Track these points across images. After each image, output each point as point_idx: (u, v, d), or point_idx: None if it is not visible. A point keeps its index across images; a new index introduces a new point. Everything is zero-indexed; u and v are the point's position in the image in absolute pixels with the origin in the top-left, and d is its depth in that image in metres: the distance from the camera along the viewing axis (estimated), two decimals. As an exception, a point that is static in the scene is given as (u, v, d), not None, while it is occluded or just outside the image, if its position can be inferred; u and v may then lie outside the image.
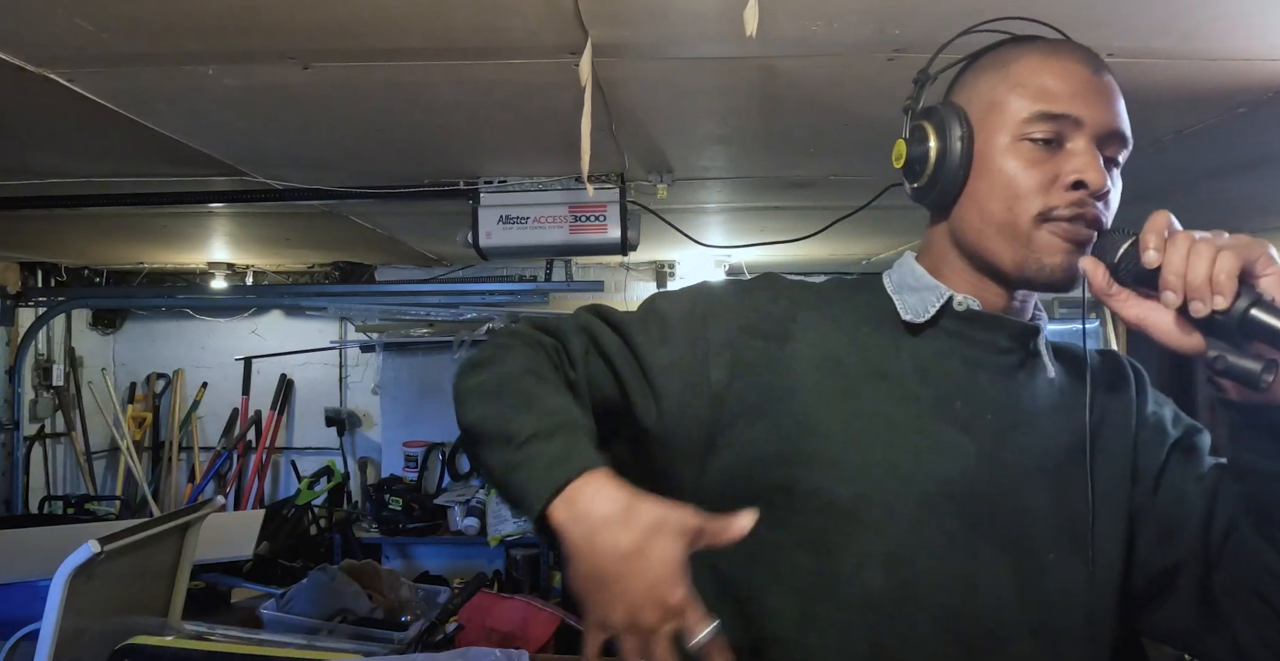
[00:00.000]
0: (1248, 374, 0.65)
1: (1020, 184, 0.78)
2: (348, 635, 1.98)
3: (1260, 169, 2.18)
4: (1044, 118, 0.78)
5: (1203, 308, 0.66)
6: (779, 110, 1.73)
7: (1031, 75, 0.80)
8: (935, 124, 0.83)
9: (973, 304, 0.84)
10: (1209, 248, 0.67)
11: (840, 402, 0.82)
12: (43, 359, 4.15)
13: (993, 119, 0.81)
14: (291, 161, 2.14)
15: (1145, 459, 0.86)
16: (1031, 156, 0.79)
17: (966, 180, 0.82)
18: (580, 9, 1.22)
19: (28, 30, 1.28)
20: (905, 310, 0.85)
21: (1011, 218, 0.79)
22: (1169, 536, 0.83)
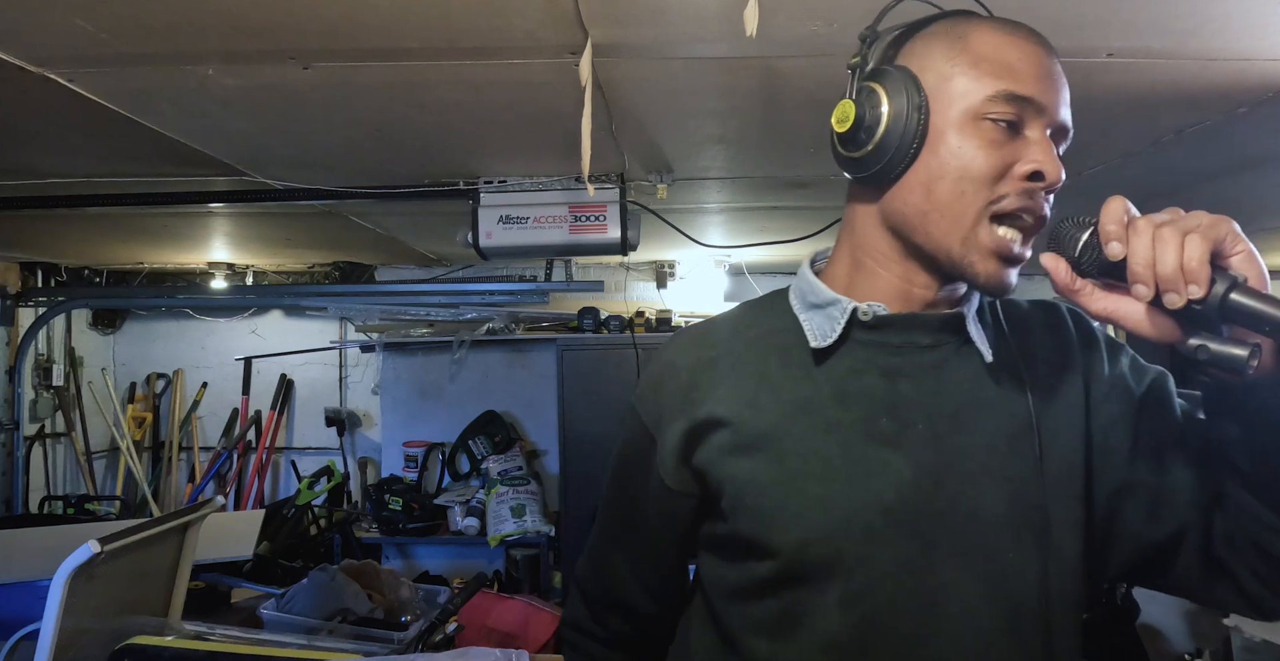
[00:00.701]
0: (1234, 360, 0.62)
1: (976, 166, 0.73)
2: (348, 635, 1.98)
3: (1260, 169, 2.18)
4: (1009, 98, 0.73)
5: (1178, 299, 0.62)
6: (779, 110, 1.73)
7: (995, 50, 0.74)
8: (888, 87, 0.76)
9: (879, 310, 0.80)
10: (1175, 233, 0.63)
11: (765, 450, 0.79)
12: (43, 359, 4.15)
13: (949, 91, 0.74)
14: (291, 161, 2.14)
15: (1111, 428, 0.82)
16: (991, 137, 0.73)
17: (918, 153, 0.75)
18: (580, 9, 1.22)
19: (28, 30, 1.28)
20: (813, 335, 0.82)
21: (960, 203, 0.74)
22: (1158, 509, 0.80)
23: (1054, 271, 0.69)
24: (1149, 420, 0.82)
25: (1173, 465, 0.79)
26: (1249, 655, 2.12)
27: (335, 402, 4.54)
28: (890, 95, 0.75)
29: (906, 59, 0.78)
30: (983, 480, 0.79)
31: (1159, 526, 0.80)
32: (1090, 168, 2.18)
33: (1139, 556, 0.82)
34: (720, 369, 0.84)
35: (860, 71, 0.79)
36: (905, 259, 0.81)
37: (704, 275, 4.28)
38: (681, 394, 0.85)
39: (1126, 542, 0.82)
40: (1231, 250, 0.64)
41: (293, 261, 4.28)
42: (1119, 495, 0.81)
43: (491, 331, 4.07)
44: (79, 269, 4.23)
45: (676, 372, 0.87)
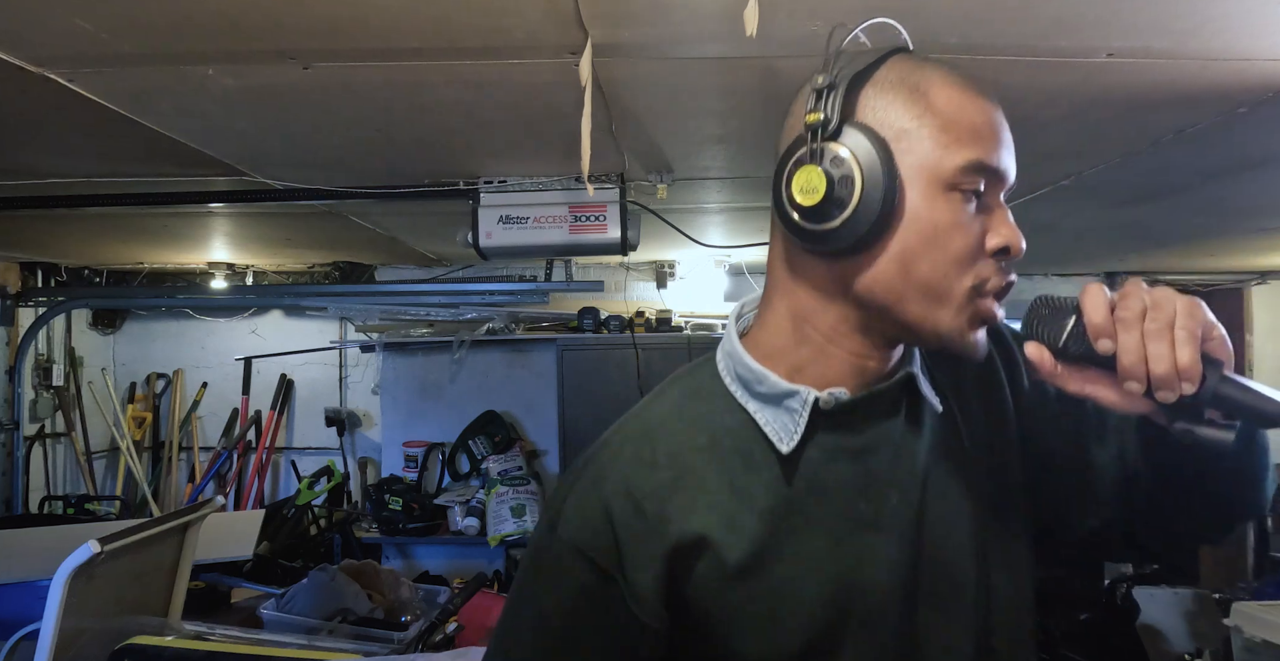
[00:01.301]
0: (1221, 443, 0.65)
1: (955, 246, 0.69)
2: (348, 635, 1.98)
3: (1260, 169, 2.18)
4: (981, 169, 0.69)
5: (1171, 396, 0.63)
6: (779, 110, 1.72)
7: (959, 112, 0.70)
8: (856, 150, 0.69)
9: (841, 396, 0.75)
10: (1164, 329, 0.63)
11: (755, 567, 0.75)
12: (43, 359, 4.15)
13: (914, 151, 0.69)
14: (291, 161, 2.14)
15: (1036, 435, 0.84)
16: (963, 209, 0.69)
17: (890, 228, 0.69)
18: (580, 9, 1.22)
19: (28, 30, 1.28)
20: (777, 438, 0.76)
21: (945, 285, 0.70)
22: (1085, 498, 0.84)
23: (1039, 363, 0.68)
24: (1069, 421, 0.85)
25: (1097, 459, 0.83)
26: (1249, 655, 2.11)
27: (335, 402, 4.54)
28: (862, 162, 0.68)
29: (863, 113, 0.71)
30: (960, 528, 0.80)
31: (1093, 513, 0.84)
32: (1090, 167, 2.18)
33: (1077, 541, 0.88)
34: (685, 490, 0.76)
35: (822, 131, 0.70)
36: (861, 332, 0.75)
37: (704, 275, 4.28)
38: (650, 528, 0.76)
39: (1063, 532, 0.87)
40: (1210, 336, 0.64)
41: (293, 261, 4.28)
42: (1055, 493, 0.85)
43: (491, 331, 4.07)
44: (79, 269, 4.23)
45: (636, 505, 0.76)
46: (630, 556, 0.75)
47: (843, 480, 0.77)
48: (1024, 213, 2.75)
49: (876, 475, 0.78)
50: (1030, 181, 2.37)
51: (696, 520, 0.75)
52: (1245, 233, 3.29)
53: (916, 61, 0.74)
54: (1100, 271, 4.68)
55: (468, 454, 4.20)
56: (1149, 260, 4.29)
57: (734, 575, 0.75)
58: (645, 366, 3.78)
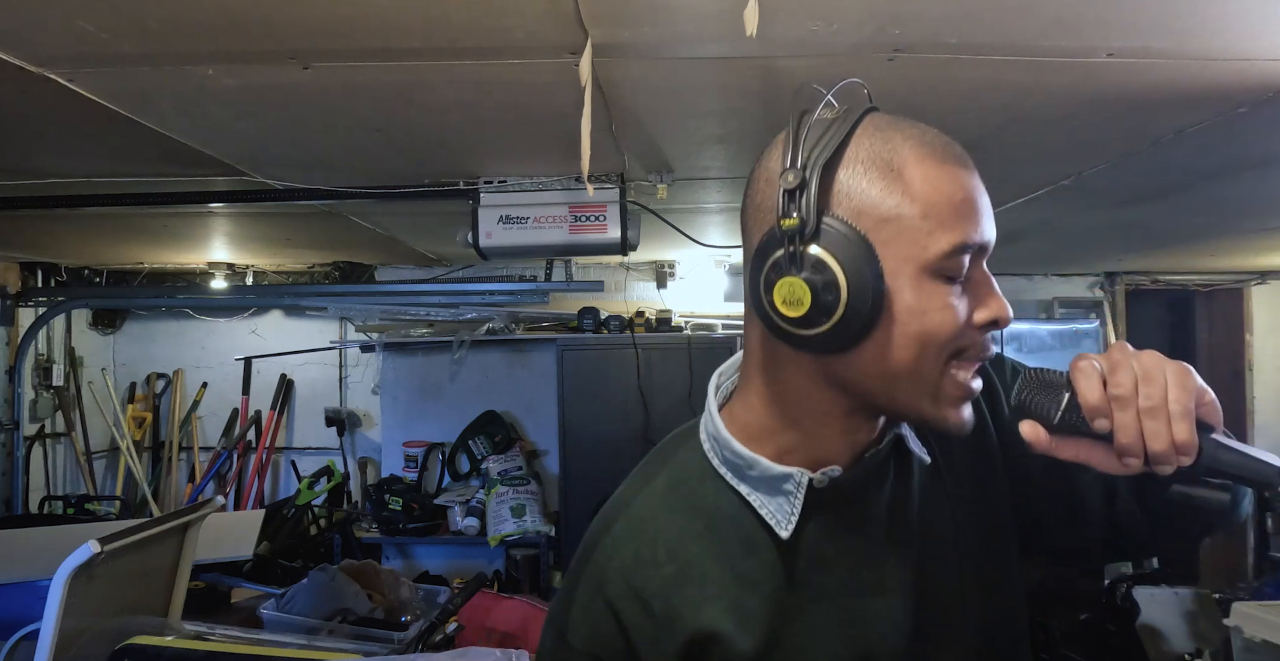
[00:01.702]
0: (1218, 504, 0.67)
1: (943, 331, 0.67)
2: (348, 635, 1.98)
3: (1260, 169, 2.18)
4: (964, 250, 0.67)
5: (1169, 470, 0.64)
6: (779, 110, 1.73)
7: (936, 190, 0.67)
8: (841, 257, 0.66)
9: (833, 473, 0.74)
10: (1160, 406, 0.63)
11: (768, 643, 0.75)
12: (43, 359, 4.15)
13: (896, 244, 0.66)
14: (291, 161, 2.14)
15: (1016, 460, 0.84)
16: (949, 292, 0.67)
17: (882, 324, 0.67)
18: (580, 9, 1.22)
19: (28, 30, 1.28)
20: (776, 523, 0.75)
21: (922, 367, 0.68)
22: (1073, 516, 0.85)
23: (1035, 442, 0.68)
24: None
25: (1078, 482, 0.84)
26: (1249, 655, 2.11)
27: (335, 402, 4.54)
28: (846, 267, 0.65)
29: (838, 201, 0.68)
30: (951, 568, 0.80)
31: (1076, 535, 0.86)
32: (1090, 167, 2.18)
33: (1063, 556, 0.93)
34: (690, 583, 0.76)
35: (800, 236, 0.66)
36: (850, 414, 0.75)
37: (704, 275, 4.28)
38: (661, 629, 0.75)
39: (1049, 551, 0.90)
40: (1202, 401, 0.65)
41: (293, 261, 4.28)
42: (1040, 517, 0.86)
43: (491, 331, 4.07)
44: (79, 269, 4.23)
45: (644, 605, 0.76)
46: (646, 658, 0.75)
47: (844, 552, 0.77)
48: (1024, 213, 2.75)
49: (876, 541, 0.78)
50: (1030, 181, 2.37)
51: (706, 613, 0.75)
52: (1245, 233, 3.29)
53: (883, 128, 0.70)
54: (1100, 271, 4.68)
55: (468, 454, 4.20)
56: (1149, 260, 4.29)
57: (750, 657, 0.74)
58: (645, 366, 3.79)
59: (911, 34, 1.32)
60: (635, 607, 0.76)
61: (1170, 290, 4.83)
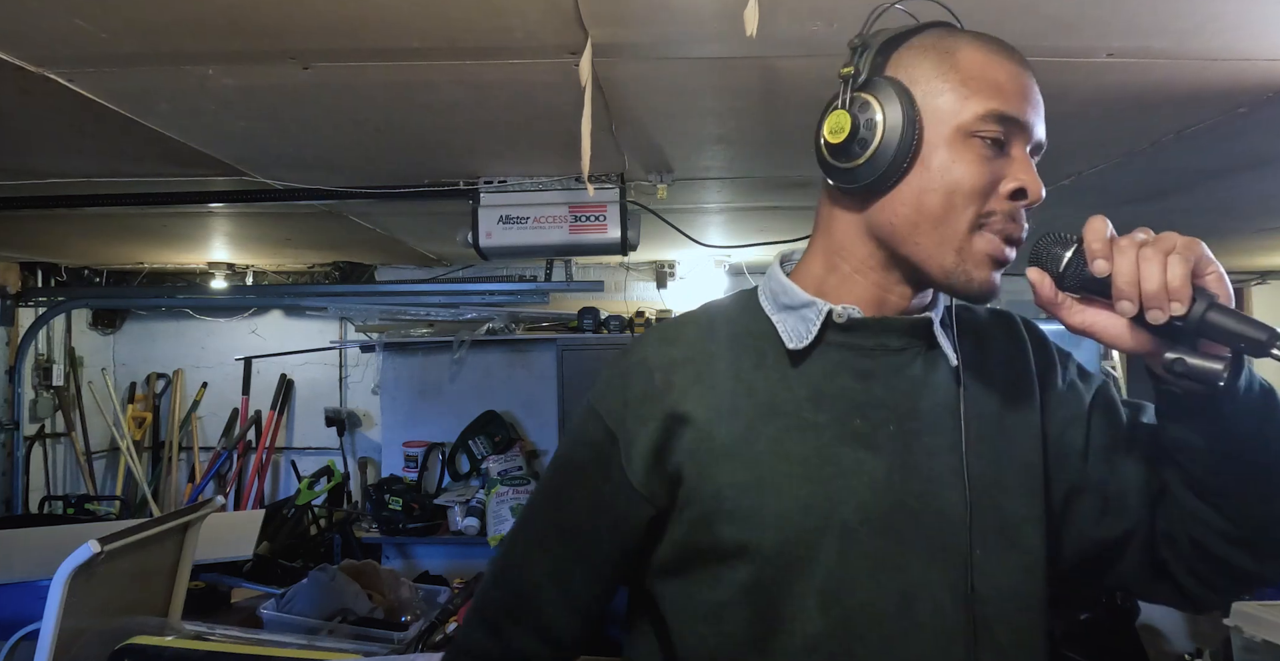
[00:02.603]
0: (1210, 373, 0.67)
1: (966, 181, 0.75)
2: (348, 635, 1.98)
3: (1260, 169, 2.18)
4: (998, 118, 0.75)
5: (1161, 315, 0.67)
6: (779, 110, 1.73)
7: (983, 69, 0.76)
8: (883, 99, 0.76)
9: (854, 312, 0.82)
10: (1157, 253, 0.67)
11: (742, 451, 0.80)
12: (43, 359, 4.15)
13: (939, 105, 0.76)
14: (291, 161, 2.14)
15: (1065, 431, 0.85)
16: (980, 153, 0.75)
17: (912, 166, 0.76)
18: (580, 9, 1.22)
19: (28, 30, 1.28)
20: (788, 337, 0.82)
21: (951, 215, 0.76)
22: (1108, 509, 0.83)
23: (1039, 285, 0.72)
24: (1098, 423, 0.86)
25: (1122, 466, 0.83)
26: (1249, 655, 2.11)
27: (335, 402, 4.54)
28: (885, 108, 0.76)
29: (895, 70, 0.79)
30: (950, 479, 0.81)
31: (1109, 526, 0.83)
32: (1090, 167, 2.18)
33: (1087, 553, 0.85)
34: (694, 370, 0.84)
35: (853, 82, 0.79)
36: (885, 268, 0.82)
37: (704, 275, 4.28)
38: (654, 393, 0.84)
39: (1075, 540, 0.85)
40: (1206, 270, 0.68)
41: (293, 261, 4.28)
42: (1071, 495, 0.85)
43: (491, 331, 4.07)
44: (79, 269, 4.23)
45: (648, 372, 0.85)
46: (631, 417, 0.84)
47: (843, 394, 0.81)
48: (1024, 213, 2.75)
49: (877, 398, 0.82)
50: (1030, 181, 2.36)
51: (695, 396, 0.82)
52: (1245, 233, 3.29)
53: (953, 30, 0.81)
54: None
55: (468, 454, 4.20)
56: (1149, 260, 4.28)
57: (720, 456, 0.80)
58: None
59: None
60: (642, 372, 0.85)
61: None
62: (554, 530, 0.91)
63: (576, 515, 0.89)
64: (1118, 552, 0.84)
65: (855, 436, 0.81)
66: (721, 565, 0.81)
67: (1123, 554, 0.84)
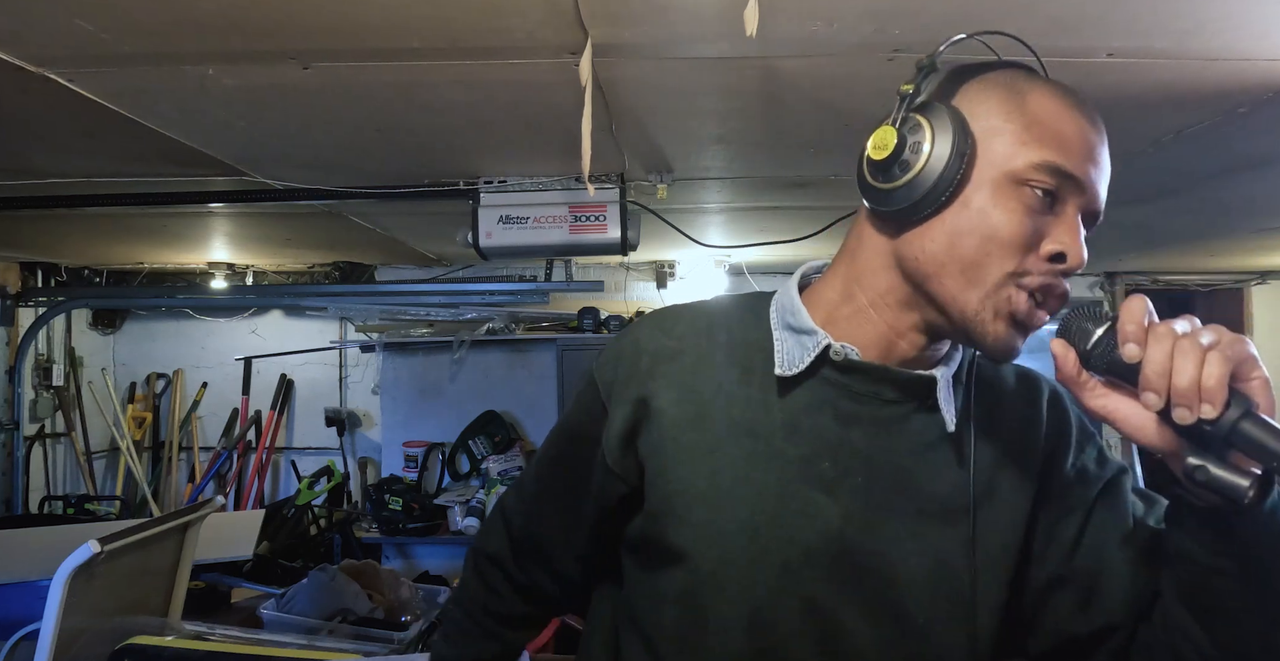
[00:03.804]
0: (1233, 489, 0.60)
1: (1007, 230, 0.70)
2: (348, 635, 1.98)
3: (1260, 169, 2.18)
4: (1055, 171, 0.71)
5: (1189, 416, 0.60)
6: (779, 110, 1.73)
7: (1052, 118, 0.72)
8: (936, 124, 0.72)
9: (852, 354, 0.78)
10: (1196, 347, 0.60)
11: (704, 461, 0.79)
12: (43, 359, 4.15)
13: (995, 146, 0.72)
14: (291, 161, 2.14)
15: (1061, 518, 0.81)
16: (1027, 205, 0.71)
17: (951, 201, 0.72)
18: (580, 9, 1.22)
19: (28, 30, 1.28)
20: (781, 360, 0.79)
21: (983, 262, 0.71)
22: (1089, 605, 0.79)
23: (1061, 360, 0.67)
24: (1100, 515, 0.81)
25: (1113, 563, 0.78)
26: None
27: (335, 402, 4.54)
28: (937, 134, 0.72)
29: (960, 100, 0.75)
30: (908, 544, 0.78)
31: (1086, 621, 0.79)
32: (1090, 168, 2.18)
33: (1060, 646, 0.81)
34: (680, 365, 0.83)
35: (910, 101, 0.74)
36: (902, 307, 0.78)
37: (704, 275, 4.28)
38: (637, 377, 0.84)
39: (1050, 632, 0.81)
40: (1250, 375, 0.61)
41: (293, 261, 4.28)
42: (1053, 584, 0.81)
43: (491, 331, 4.06)
44: (79, 269, 4.23)
45: (639, 354, 0.86)
46: (616, 395, 0.85)
47: (819, 433, 0.79)
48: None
49: (853, 446, 0.79)
50: (1030, 181, 2.36)
51: (674, 392, 0.82)
52: (1245, 233, 3.29)
53: (1032, 73, 0.77)
54: (1100, 271, 4.67)
55: (468, 454, 4.20)
56: (1149, 260, 4.29)
57: (681, 460, 0.80)
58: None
59: (912, 34, 1.32)
60: (635, 352, 0.86)
61: (1170, 290, 4.82)
62: (562, 485, 0.94)
63: (573, 477, 0.92)
64: (1091, 650, 0.80)
65: (819, 479, 0.78)
66: (664, 562, 0.82)
67: (1095, 652, 0.80)
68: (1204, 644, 0.72)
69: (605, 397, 0.86)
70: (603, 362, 0.89)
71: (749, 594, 0.78)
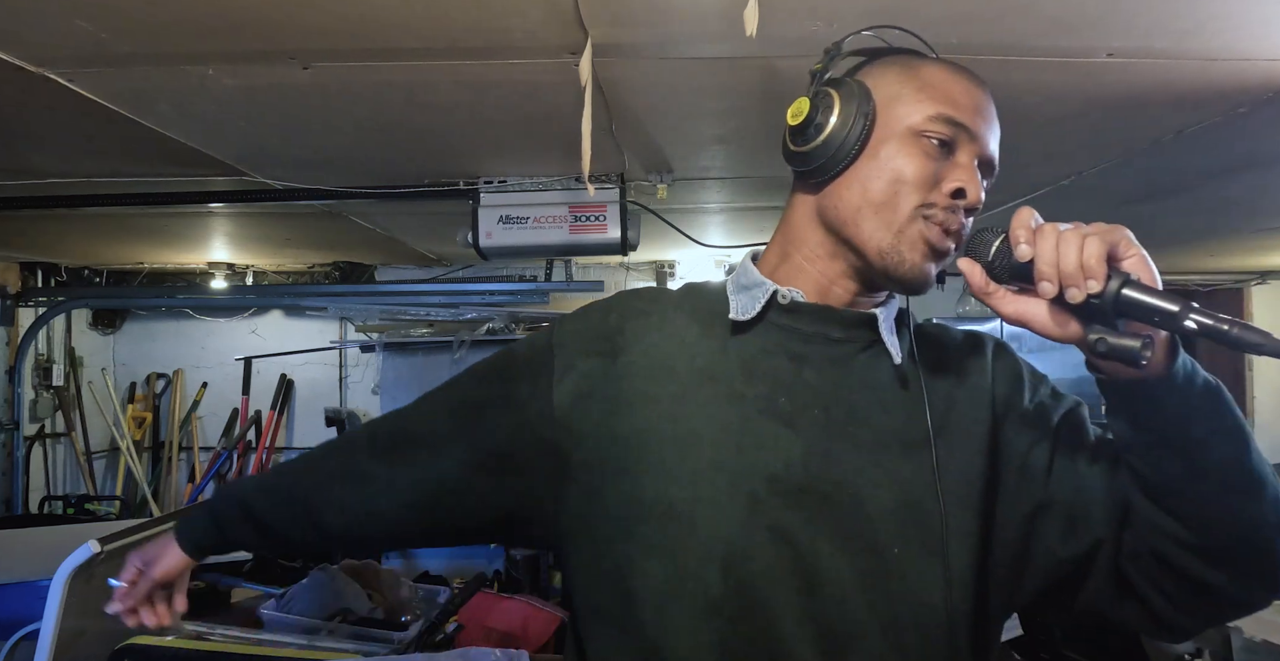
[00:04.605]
0: (1128, 351, 0.68)
1: (910, 171, 0.81)
2: (348, 635, 1.98)
3: (1260, 169, 2.18)
4: (946, 121, 0.81)
5: (1078, 293, 0.68)
6: (779, 110, 1.72)
7: (941, 82, 0.83)
8: (842, 92, 0.84)
9: (796, 296, 0.86)
10: (1075, 236, 0.69)
11: (671, 408, 0.84)
12: (43, 359, 4.15)
13: (896, 108, 0.83)
14: (291, 161, 2.14)
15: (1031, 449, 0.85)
16: (926, 151, 0.81)
17: (859, 155, 0.82)
18: (580, 9, 1.22)
19: (28, 30, 1.28)
20: (734, 310, 0.87)
21: (894, 201, 0.81)
22: (1074, 526, 0.82)
23: (969, 274, 0.75)
24: (1065, 441, 0.85)
25: (1086, 482, 0.82)
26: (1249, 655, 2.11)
27: (335, 402, 4.53)
28: (842, 99, 0.83)
29: (864, 75, 0.86)
30: (872, 473, 0.82)
31: (1074, 543, 0.82)
32: (1090, 167, 2.18)
33: (1055, 575, 0.83)
34: (648, 322, 0.90)
35: (819, 77, 0.87)
36: (831, 257, 0.87)
37: (704, 275, 4.28)
38: (607, 331, 0.90)
39: (1043, 561, 0.84)
40: (1126, 253, 0.70)
41: (293, 261, 4.28)
42: (1036, 514, 0.83)
43: (491, 331, 4.06)
44: (79, 269, 4.23)
45: (607, 312, 0.92)
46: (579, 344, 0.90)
47: (774, 373, 0.85)
48: (1024, 213, 2.75)
49: (807, 383, 0.84)
50: (1030, 181, 2.37)
51: (642, 345, 0.88)
52: (1245, 233, 3.29)
53: (925, 55, 0.87)
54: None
55: (468, 454, 4.20)
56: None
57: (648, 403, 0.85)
58: None
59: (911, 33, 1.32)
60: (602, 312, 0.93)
61: (1170, 290, 4.82)
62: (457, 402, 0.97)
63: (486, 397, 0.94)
64: (1085, 571, 0.83)
65: (777, 413, 0.83)
66: (637, 519, 0.83)
67: (1089, 572, 0.82)
68: (1177, 531, 0.76)
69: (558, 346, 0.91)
70: (563, 322, 0.96)
71: (722, 529, 0.80)
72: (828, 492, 0.81)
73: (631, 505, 0.83)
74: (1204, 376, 0.74)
